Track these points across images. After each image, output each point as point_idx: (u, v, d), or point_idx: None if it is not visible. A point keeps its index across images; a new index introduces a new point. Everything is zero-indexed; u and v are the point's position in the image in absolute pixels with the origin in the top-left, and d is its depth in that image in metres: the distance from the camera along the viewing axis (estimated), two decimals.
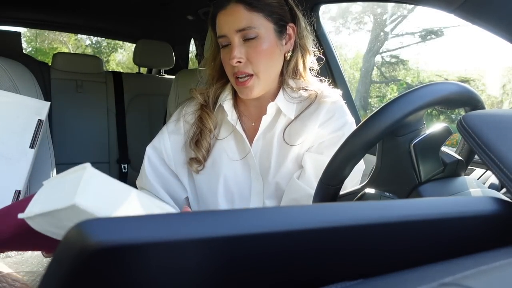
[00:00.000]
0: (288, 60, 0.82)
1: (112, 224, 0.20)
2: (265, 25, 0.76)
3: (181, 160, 0.86)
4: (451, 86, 0.57)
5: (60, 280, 0.19)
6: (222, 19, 0.77)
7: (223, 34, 0.76)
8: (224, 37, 0.77)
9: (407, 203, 0.33)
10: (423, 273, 0.28)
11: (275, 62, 0.79)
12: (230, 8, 0.75)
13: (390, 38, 4.50)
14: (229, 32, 0.75)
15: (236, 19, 0.75)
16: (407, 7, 3.89)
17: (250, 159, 0.83)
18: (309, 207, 0.29)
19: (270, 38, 0.77)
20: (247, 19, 0.75)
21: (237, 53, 0.74)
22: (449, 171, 0.57)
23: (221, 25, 0.77)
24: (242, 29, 0.74)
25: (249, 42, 0.75)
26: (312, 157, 0.80)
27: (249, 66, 0.76)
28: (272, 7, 0.77)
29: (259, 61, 0.76)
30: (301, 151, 0.82)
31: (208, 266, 0.23)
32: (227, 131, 0.85)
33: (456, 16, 0.68)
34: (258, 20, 0.75)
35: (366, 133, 0.53)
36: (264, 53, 0.76)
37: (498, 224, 0.36)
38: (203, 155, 0.83)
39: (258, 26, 0.75)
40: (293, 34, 0.81)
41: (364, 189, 0.57)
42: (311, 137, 0.81)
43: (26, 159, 0.86)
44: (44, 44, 9.04)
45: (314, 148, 0.82)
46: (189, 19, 2.06)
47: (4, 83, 0.91)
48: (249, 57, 0.75)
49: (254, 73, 0.76)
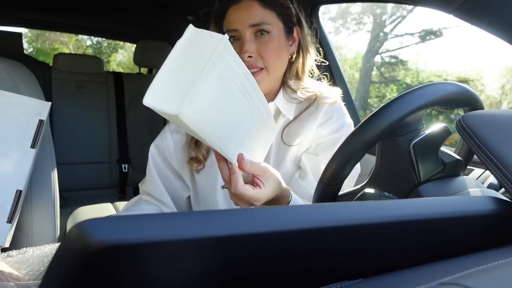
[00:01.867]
0: (291, 62, 0.83)
1: (112, 224, 0.20)
2: (276, 23, 0.78)
3: (183, 159, 0.86)
4: (450, 87, 0.57)
5: (61, 280, 0.19)
6: (234, 14, 0.77)
7: (235, 28, 0.77)
8: (234, 31, 0.77)
9: (407, 203, 0.33)
10: (422, 272, 0.29)
11: (282, 61, 0.80)
12: (244, 3, 0.76)
13: (389, 38, 4.50)
14: (241, 26, 0.76)
15: (250, 14, 0.76)
16: (407, 8, 3.89)
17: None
18: (309, 207, 0.29)
19: (280, 37, 0.78)
20: (261, 15, 0.76)
21: (249, 47, 0.75)
22: (448, 171, 0.57)
23: (233, 20, 0.77)
24: (256, 24, 0.75)
25: (260, 38, 0.76)
26: (310, 158, 0.81)
27: (260, 61, 0.76)
28: (283, 8, 0.79)
29: (270, 57, 0.77)
30: (299, 152, 0.83)
31: (208, 265, 0.23)
32: None
33: (455, 16, 0.68)
34: (271, 18, 0.77)
35: (366, 133, 0.53)
36: (275, 50, 0.77)
37: (496, 223, 0.36)
38: (203, 155, 0.83)
39: (271, 24, 0.77)
40: (297, 37, 0.83)
41: (364, 189, 0.57)
42: (309, 137, 0.82)
43: (27, 159, 0.86)
44: (45, 44, 9.04)
45: (311, 150, 0.83)
46: (189, 19, 2.06)
47: (5, 83, 0.91)
48: (260, 52, 0.76)
49: (264, 67, 0.77)
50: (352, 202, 0.54)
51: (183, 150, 0.86)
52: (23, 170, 0.85)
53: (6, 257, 0.68)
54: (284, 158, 0.82)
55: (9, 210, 0.81)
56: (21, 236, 0.89)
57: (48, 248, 0.75)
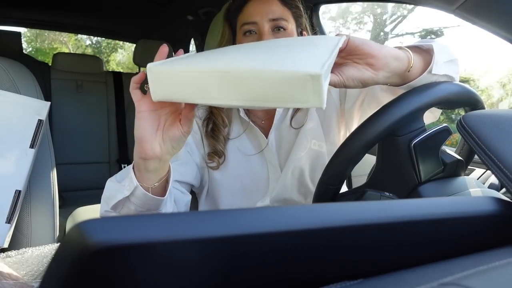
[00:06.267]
0: None
1: (112, 224, 0.20)
2: (292, 23, 0.80)
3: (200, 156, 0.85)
4: (451, 86, 0.57)
5: (61, 280, 0.19)
6: (254, 7, 0.79)
7: (254, 21, 0.78)
8: (253, 23, 0.78)
9: (407, 203, 0.33)
10: (423, 273, 0.28)
11: None
12: None
13: (390, 38, 4.49)
14: (261, 19, 0.77)
15: (270, 8, 0.77)
16: (407, 7, 3.89)
17: (268, 153, 0.84)
18: (309, 207, 0.29)
19: (294, 36, 0.80)
20: (280, 11, 0.78)
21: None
22: (449, 171, 0.57)
23: (253, 13, 0.78)
24: (275, 18, 0.77)
25: (278, 33, 0.78)
26: None
27: None
28: (297, 10, 0.81)
29: None
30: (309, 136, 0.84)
31: (208, 266, 0.23)
32: (238, 129, 0.85)
33: (456, 16, 0.68)
34: (288, 16, 0.79)
35: (366, 133, 0.53)
36: None
37: (497, 224, 0.36)
38: (222, 146, 0.83)
39: (288, 21, 0.79)
40: None
41: (364, 189, 0.57)
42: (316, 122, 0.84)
43: (26, 159, 0.86)
44: (44, 44, 9.03)
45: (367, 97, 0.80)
46: (189, 19, 2.06)
47: (4, 83, 0.91)
48: None
49: None
50: (353, 202, 0.54)
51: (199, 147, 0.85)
52: (22, 170, 0.84)
53: (5, 257, 0.68)
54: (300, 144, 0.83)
55: (8, 210, 0.81)
56: (20, 237, 0.89)
57: (47, 248, 0.74)
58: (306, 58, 0.42)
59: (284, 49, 0.47)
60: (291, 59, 0.42)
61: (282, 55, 0.44)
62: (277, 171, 0.84)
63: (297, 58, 0.42)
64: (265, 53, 0.46)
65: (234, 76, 0.40)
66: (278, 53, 0.45)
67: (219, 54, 0.49)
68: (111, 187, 0.66)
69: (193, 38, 2.41)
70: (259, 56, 0.44)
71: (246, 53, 0.46)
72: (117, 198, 0.62)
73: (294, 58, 0.42)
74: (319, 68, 0.39)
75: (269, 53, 0.46)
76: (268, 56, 0.44)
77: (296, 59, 0.41)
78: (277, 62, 0.41)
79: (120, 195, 0.61)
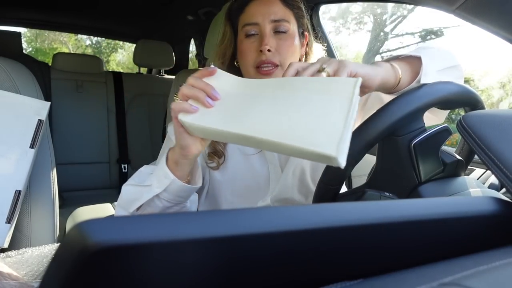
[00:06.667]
0: None
1: (112, 224, 0.20)
2: (294, 24, 0.80)
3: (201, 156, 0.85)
4: (450, 86, 0.57)
5: (61, 280, 0.19)
6: (256, 8, 0.79)
7: (255, 22, 0.78)
8: (254, 25, 0.78)
9: (407, 203, 0.33)
10: (423, 273, 0.28)
11: (295, 60, 0.82)
12: None
13: (390, 38, 4.49)
14: (263, 21, 0.77)
15: (272, 9, 0.77)
16: (407, 7, 3.89)
17: (268, 152, 0.84)
18: (309, 207, 0.29)
19: (296, 38, 0.80)
20: (282, 12, 0.78)
21: (269, 41, 0.76)
22: (449, 171, 0.57)
23: (254, 14, 0.78)
24: (277, 20, 0.77)
25: (279, 35, 0.77)
26: None
27: (277, 57, 0.77)
28: (300, 11, 0.81)
29: (286, 54, 0.78)
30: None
31: (208, 266, 0.23)
32: None
33: (456, 16, 0.68)
34: (289, 17, 0.79)
35: (366, 133, 0.53)
36: (292, 49, 0.78)
37: (497, 224, 0.36)
38: (222, 146, 0.83)
39: (290, 23, 0.78)
40: (305, 42, 0.84)
41: (364, 189, 0.57)
42: None
43: (26, 159, 0.86)
44: (44, 44, 9.03)
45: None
46: (189, 19, 2.06)
47: (4, 83, 0.91)
48: (278, 48, 0.77)
49: (279, 64, 0.78)
50: (353, 202, 0.54)
51: None
52: (22, 170, 0.84)
53: (5, 257, 0.68)
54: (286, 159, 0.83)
55: (8, 210, 0.81)
56: (20, 237, 0.89)
57: (47, 248, 0.75)
58: (322, 131, 0.44)
59: (300, 110, 0.48)
60: (308, 131, 0.45)
61: (299, 121, 0.47)
62: (277, 170, 0.84)
63: (315, 130, 0.44)
64: (285, 114, 0.48)
65: (257, 140, 0.47)
66: (294, 118, 0.47)
67: (244, 109, 0.51)
68: (131, 191, 0.67)
69: (193, 38, 2.41)
70: (280, 121, 0.48)
71: (268, 114, 0.50)
72: (144, 199, 0.63)
73: (312, 129, 0.45)
74: (334, 149, 0.41)
75: (288, 116, 0.48)
76: (287, 120, 0.47)
77: (314, 132, 0.44)
78: (296, 134, 0.45)
79: (148, 195, 0.63)
